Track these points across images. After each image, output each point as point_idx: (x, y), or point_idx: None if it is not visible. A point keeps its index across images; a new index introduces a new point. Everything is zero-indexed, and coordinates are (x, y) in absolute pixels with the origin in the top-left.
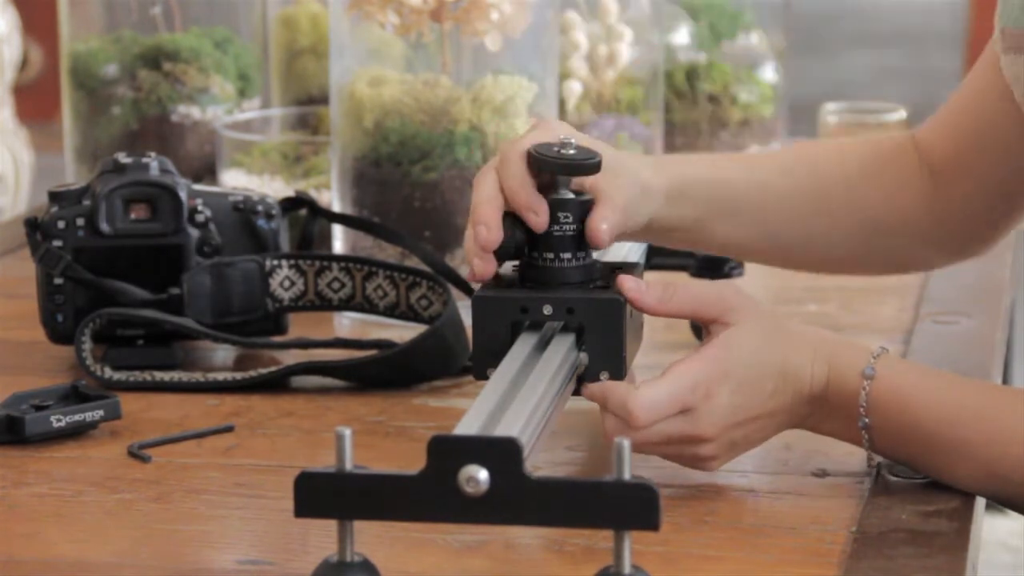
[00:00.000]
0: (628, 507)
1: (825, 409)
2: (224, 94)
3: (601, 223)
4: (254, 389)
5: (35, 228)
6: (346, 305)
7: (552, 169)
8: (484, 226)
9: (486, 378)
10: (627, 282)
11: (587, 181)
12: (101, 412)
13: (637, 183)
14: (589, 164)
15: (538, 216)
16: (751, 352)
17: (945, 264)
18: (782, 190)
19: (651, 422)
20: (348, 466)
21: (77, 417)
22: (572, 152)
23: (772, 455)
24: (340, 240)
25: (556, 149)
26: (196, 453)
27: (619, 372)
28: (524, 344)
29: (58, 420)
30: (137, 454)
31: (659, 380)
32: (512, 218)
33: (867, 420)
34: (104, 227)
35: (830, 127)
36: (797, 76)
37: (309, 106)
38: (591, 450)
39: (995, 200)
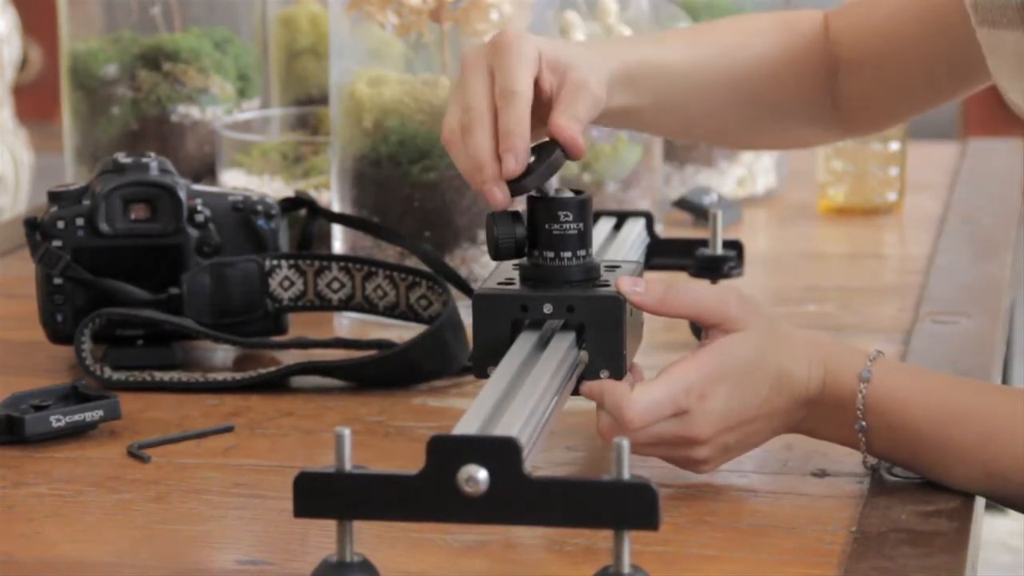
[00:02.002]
0: (628, 507)
1: (821, 413)
2: (224, 94)
3: (569, 121)
4: (254, 389)
5: (35, 228)
6: (346, 305)
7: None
8: (513, 156)
9: (486, 376)
10: (626, 283)
11: (548, 79)
12: (101, 412)
13: (593, 68)
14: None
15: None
16: (747, 356)
17: (835, 141)
18: (701, 73)
19: (645, 424)
20: (347, 466)
21: (77, 417)
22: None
23: (772, 455)
24: (340, 240)
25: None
26: (196, 453)
27: (619, 371)
28: (524, 343)
29: (58, 420)
30: (137, 454)
31: (654, 382)
32: (513, 216)
33: (864, 423)
34: (104, 227)
35: None
36: None
37: (309, 106)
38: (591, 450)
39: (896, 96)
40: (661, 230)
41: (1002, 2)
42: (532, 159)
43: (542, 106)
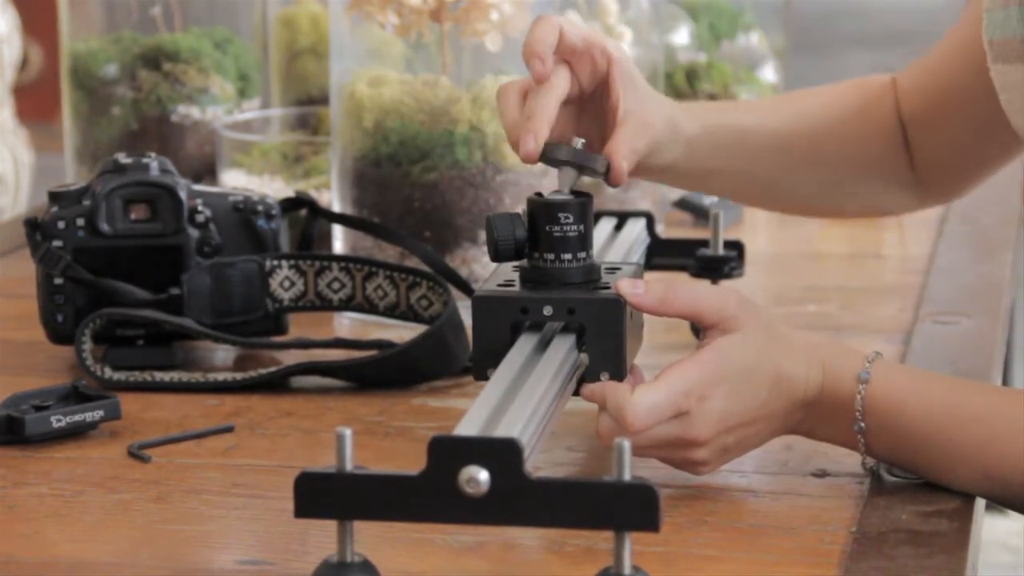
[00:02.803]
0: (628, 507)
1: (820, 414)
2: (224, 94)
3: (626, 151)
4: (254, 389)
5: (35, 228)
6: (346, 305)
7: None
8: (532, 136)
9: (486, 379)
10: (625, 285)
11: (616, 103)
12: (101, 412)
13: (668, 119)
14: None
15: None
16: (746, 358)
17: (918, 208)
18: (781, 136)
19: (645, 427)
20: (348, 466)
21: (77, 417)
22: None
23: (772, 455)
24: (340, 240)
25: (564, 148)
26: (196, 453)
27: (619, 372)
28: (524, 344)
29: (58, 420)
30: (137, 454)
31: (654, 384)
32: (513, 218)
33: (863, 424)
34: (104, 227)
35: None
36: (797, 76)
37: (309, 106)
38: (591, 450)
39: (963, 154)
40: (662, 230)
41: (1010, 36)
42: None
43: (606, 105)
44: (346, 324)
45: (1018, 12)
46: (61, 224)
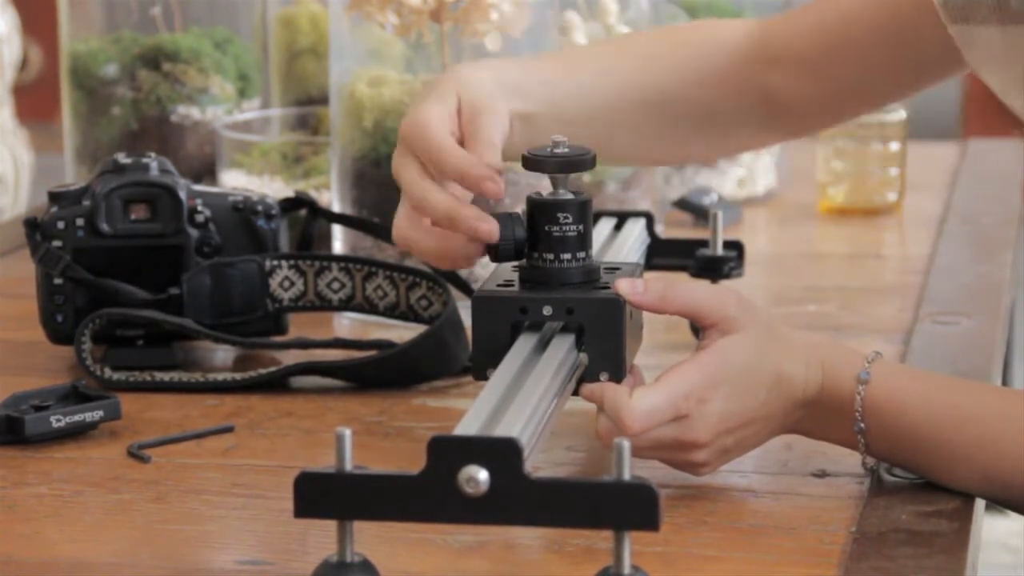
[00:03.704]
0: (628, 507)
1: (819, 414)
2: (224, 94)
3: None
4: (254, 389)
5: (35, 228)
6: (346, 305)
7: (547, 170)
8: (487, 226)
9: (486, 379)
10: (624, 285)
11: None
12: (101, 412)
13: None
14: (584, 160)
15: (494, 183)
16: (745, 359)
17: (764, 146)
18: (612, 97)
19: (644, 430)
20: (348, 466)
21: (77, 417)
22: (566, 150)
23: (772, 455)
24: (340, 240)
25: (549, 149)
26: (196, 453)
27: (619, 373)
28: (524, 344)
29: (58, 420)
30: (137, 454)
31: (653, 387)
32: (512, 218)
33: (862, 424)
34: (104, 227)
35: None
36: None
37: (309, 106)
38: (591, 450)
39: (837, 89)
40: (661, 230)
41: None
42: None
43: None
44: (346, 324)
45: None
46: (61, 224)
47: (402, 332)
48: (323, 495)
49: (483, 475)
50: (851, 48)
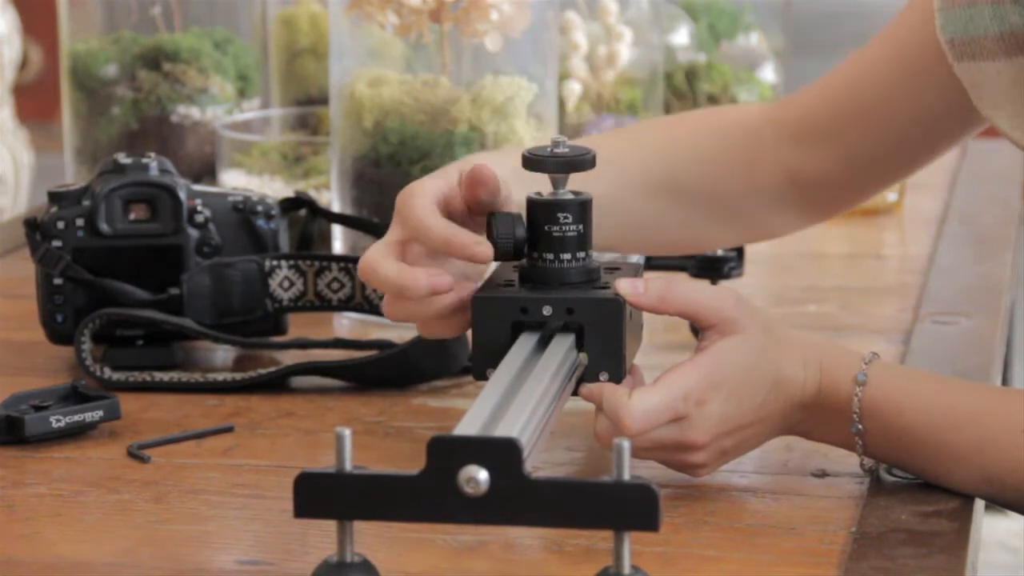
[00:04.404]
0: (628, 507)
1: (817, 415)
2: (224, 94)
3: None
4: (254, 389)
5: (35, 228)
6: (346, 305)
7: (548, 169)
8: (476, 244)
9: (485, 379)
10: (624, 285)
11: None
12: (101, 412)
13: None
14: (585, 160)
15: (482, 246)
16: (743, 361)
17: (801, 227)
18: (619, 186)
19: (642, 431)
20: (348, 466)
21: (77, 417)
22: (566, 150)
23: (772, 455)
24: (340, 240)
25: (549, 149)
26: (196, 453)
27: (619, 373)
28: (524, 344)
29: (57, 420)
30: (137, 454)
31: (652, 388)
32: (512, 218)
33: (860, 426)
34: (104, 227)
35: None
36: (797, 76)
37: (309, 106)
38: (591, 450)
39: (858, 161)
40: None
41: (981, 34)
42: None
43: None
44: (346, 324)
45: (991, 10)
46: (61, 224)
47: (402, 332)
48: (323, 495)
49: (483, 475)
50: (865, 110)
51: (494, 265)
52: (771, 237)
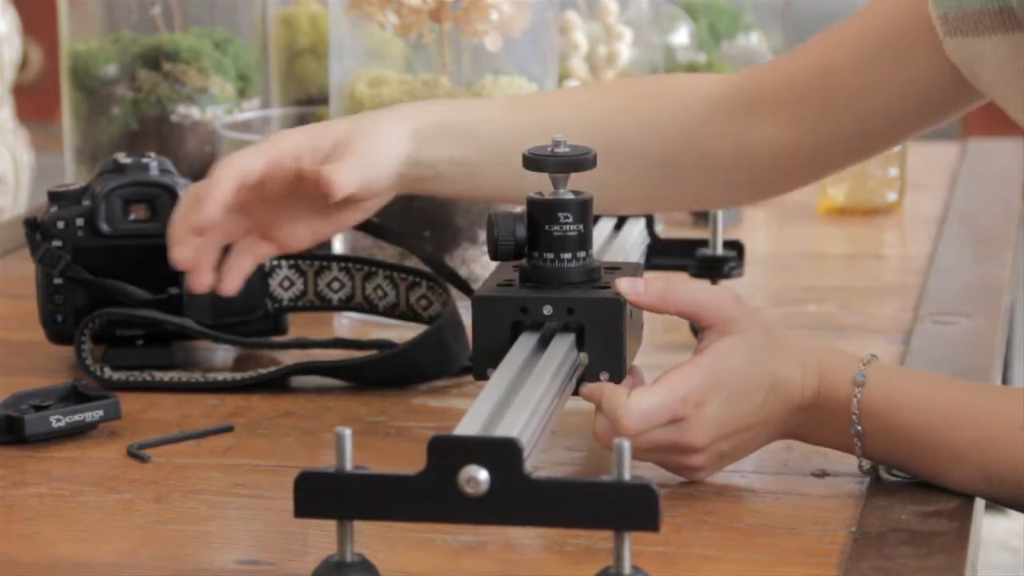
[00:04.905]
0: (628, 507)
1: (816, 418)
2: (224, 94)
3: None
4: (253, 389)
5: (35, 228)
6: (346, 305)
7: (548, 169)
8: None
9: (486, 378)
10: (624, 284)
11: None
12: (101, 412)
13: (381, 134)
14: (586, 159)
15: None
16: (742, 363)
17: (757, 200)
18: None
19: (641, 431)
20: (348, 466)
21: (77, 417)
22: (567, 150)
23: (772, 455)
24: (340, 240)
25: (549, 149)
26: (195, 453)
27: (619, 373)
28: (524, 344)
29: (58, 420)
30: (136, 454)
31: (650, 389)
32: (512, 218)
33: (859, 427)
34: (104, 227)
35: None
36: None
37: (309, 106)
38: (591, 450)
39: (820, 145)
40: (661, 230)
41: (977, 9)
42: None
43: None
44: (346, 324)
45: None
46: (61, 224)
47: (402, 332)
48: (323, 495)
49: (483, 475)
50: (833, 85)
51: (494, 265)
52: (723, 205)
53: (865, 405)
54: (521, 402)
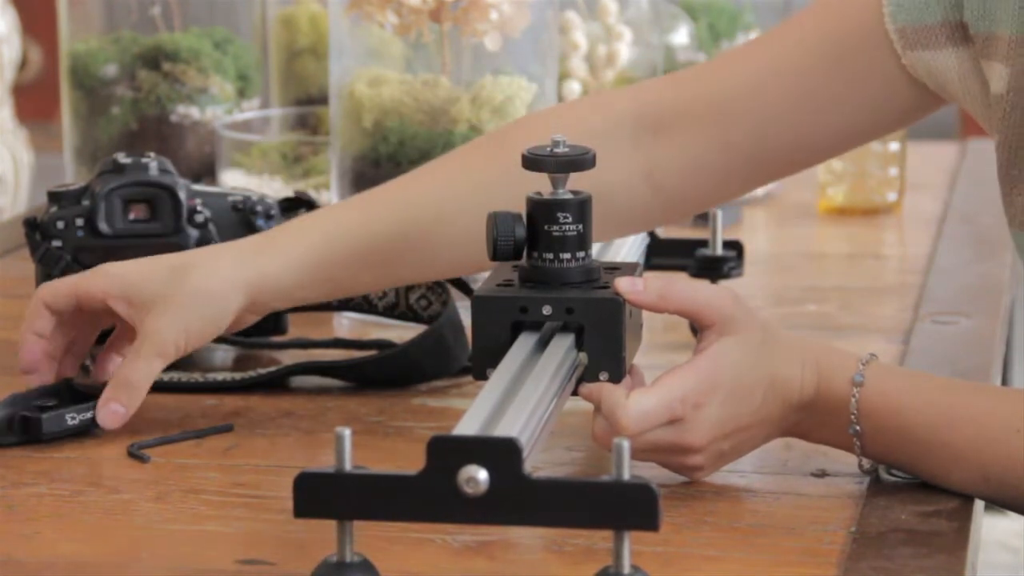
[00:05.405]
0: (628, 507)
1: (815, 417)
2: (224, 94)
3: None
4: (253, 389)
5: (34, 228)
6: (345, 305)
7: (548, 169)
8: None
9: (485, 378)
10: (623, 283)
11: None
12: None
13: (196, 298)
14: (585, 159)
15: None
16: (741, 363)
17: (662, 224)
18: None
19: (639, 432)
20: (347, 466)
21: (90, 414)
22: (566, 150)
23: (772, 455)
24: None
25: (549, 149)
26: (195, 453)
27: (618, 373)
28: (524, 344)
29: (72, 418)
30: (136, 454)
31: (649, 390)
32: (512, 218)
33: (858, 427)
34: (103, 227)
35: None
36: None
37: (309, 106)
38: (591, 450)
39: (724, 161)
40: (661, 230)
41: (929, 24)
42: None
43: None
44: (345, 324)
45: None
46: (60, 224)
47: (402, 332)
48: (323, 495)
49: (483, 475)
50: (779, 98)
51: (494, 265)
52: (624, 234)
53: (864, 405)
54: (520, 402)
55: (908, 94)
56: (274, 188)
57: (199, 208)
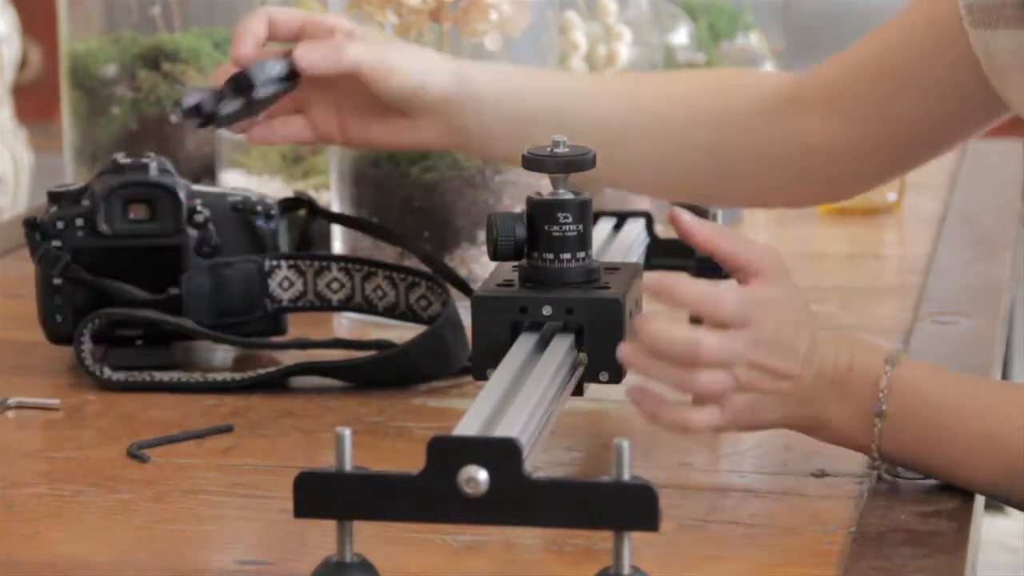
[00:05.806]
0: (628, 507)
1: (842, 395)
2: None
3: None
4: (253, 389)
5: (34, 228)
6: (345, 305)
7: (548, 169)
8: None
9: (485, 378)
10: (684, 216)
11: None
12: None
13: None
14: (585, 159)
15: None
16: (789, 311)
17: (806, 204)
18: (612, 116)
19: (739, 321)
20: (347, 466)
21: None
22: (566, 150)
23: (772, 455)
24: (339, 240)
25: (549, 149)
26: (195, 453)
27: (619, 372)
28: (524, 344)
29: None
30: (136, 454)
31: (732, 284)
32: (512, 218)
33: (884, 407)
34: (103, 227)
35: None
36: None
37: None
38: (591, 450)
39: (874, 144)
40: (661, 230)
41: (994, 3)
42: None
43: None
44: (345, 324)
45: None
46: (60, 224)
47: (402, 332)
48: (323, 495)
49: (483, 475)
50: (880, 84)
51: (494, 265)
52: (769, 204)
53: (895, 382)
54: (520, 402)
55: (968, 82)
56: (274, 188)
57: (199, 208)
